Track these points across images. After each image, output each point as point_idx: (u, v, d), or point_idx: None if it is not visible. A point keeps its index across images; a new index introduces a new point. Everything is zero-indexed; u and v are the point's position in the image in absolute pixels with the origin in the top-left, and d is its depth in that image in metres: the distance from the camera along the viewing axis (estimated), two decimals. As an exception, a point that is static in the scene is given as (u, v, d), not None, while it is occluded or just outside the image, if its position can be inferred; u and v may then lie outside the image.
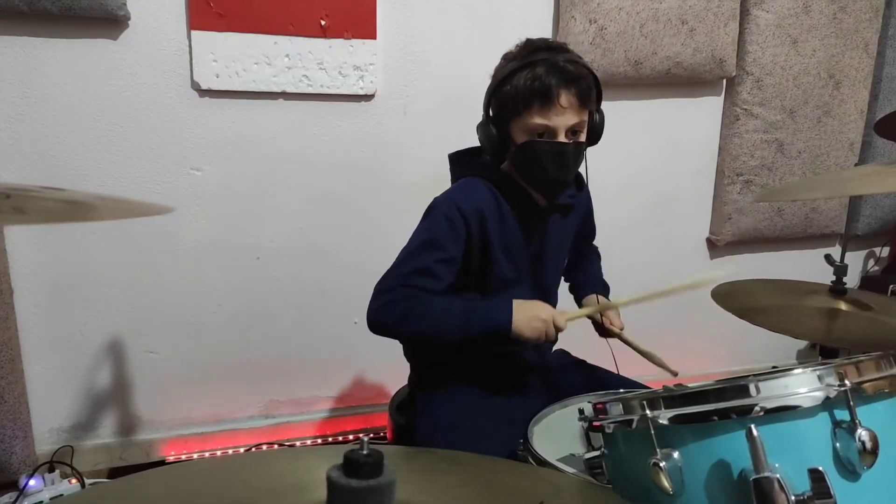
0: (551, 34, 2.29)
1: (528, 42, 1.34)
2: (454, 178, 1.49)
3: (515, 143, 1.33)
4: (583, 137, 1.35)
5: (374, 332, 1.32)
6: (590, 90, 1.31)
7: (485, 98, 1.38)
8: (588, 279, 1.67)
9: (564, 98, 1.27)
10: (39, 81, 1.85)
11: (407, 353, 1.56)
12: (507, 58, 1.36)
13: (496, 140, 1.35)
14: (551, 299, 1.55)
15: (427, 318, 1.30)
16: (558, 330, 1.34)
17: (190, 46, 1.94)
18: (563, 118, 1.29)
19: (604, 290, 1.65)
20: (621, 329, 1.50)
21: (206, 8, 1.91)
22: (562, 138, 1.30)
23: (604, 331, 1.52)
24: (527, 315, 1.31)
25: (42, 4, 1.75)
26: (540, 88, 1.26)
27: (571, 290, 1.70)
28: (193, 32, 1.93)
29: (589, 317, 1.50)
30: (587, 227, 1.66)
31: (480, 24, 2.21)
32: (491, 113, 1.37)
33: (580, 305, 1.63)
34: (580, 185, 1.53)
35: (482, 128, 1.37)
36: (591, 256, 1.73)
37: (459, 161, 1.49)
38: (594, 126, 1.36)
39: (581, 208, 1.57)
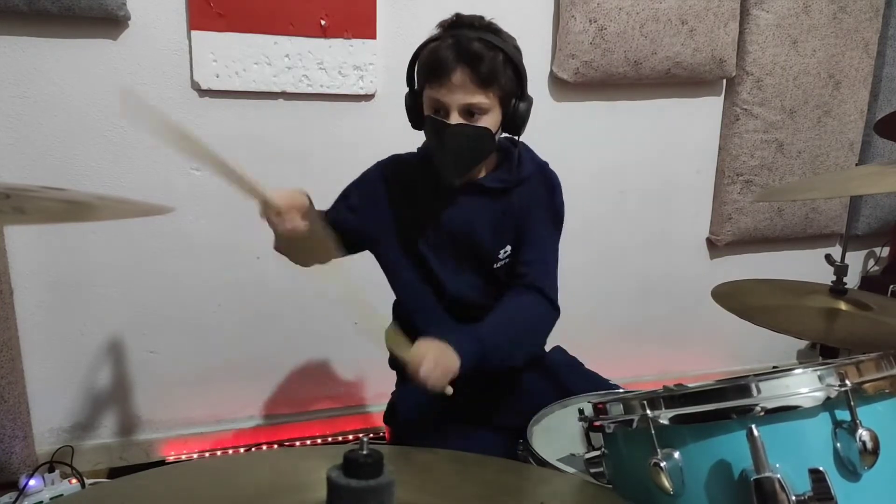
0: (551, 34, 2.29)
1: (454, 16, 1.33)
2: None
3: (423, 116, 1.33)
4: (485, 121, 1.26)
5: None
6: (493, 72, 1.24)
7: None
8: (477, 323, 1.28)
9: (458, 76, 1.24)
10: (39, 81, 1.85)
11: (391, 363, 1.48)
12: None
13: (411, 110, 1.34)
14: (465, 284, 1.40)
15: None
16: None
17: (190, 46, 1.94)
18: (455, 96, 1.25)
19: (473, 345, 1.20)
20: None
21: (206, 8, 1.91)
22: (454, 117, 1.26)
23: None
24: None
25: (42, 4, 1.75)
26: (435, 63, 1.26)
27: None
28: (193, 32, 1.92)
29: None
30: (522, 235, 1.37)
31: (480, 24, 2.20)
32: (409, 83, 1.36)
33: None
34: (516, 172, 1.38)
35: (405, 98, 1.36)
36: (512, 298, 1.34)
37: None
38: (512, 113, 1.30)
39: (520, 201, 1.38)
